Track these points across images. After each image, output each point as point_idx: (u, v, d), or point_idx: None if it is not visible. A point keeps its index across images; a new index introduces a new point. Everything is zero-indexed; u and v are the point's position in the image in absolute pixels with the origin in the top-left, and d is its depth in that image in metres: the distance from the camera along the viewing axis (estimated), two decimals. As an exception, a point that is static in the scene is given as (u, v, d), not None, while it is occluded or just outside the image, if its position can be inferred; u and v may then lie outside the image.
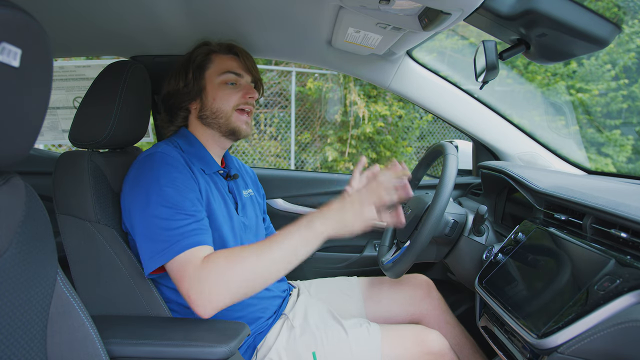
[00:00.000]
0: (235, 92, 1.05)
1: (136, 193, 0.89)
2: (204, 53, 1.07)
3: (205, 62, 1.06)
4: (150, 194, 0.86)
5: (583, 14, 0.84)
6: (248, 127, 1.08)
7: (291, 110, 5.06)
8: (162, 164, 0.90)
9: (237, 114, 1.05)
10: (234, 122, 1.05)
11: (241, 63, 1.07)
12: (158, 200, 0.85)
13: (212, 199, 0.98)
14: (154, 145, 0.99)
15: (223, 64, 1.06)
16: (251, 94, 1.06)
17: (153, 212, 0.84)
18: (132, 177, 0.92)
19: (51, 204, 0.90)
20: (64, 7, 1.00)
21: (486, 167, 1.30)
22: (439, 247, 1.16)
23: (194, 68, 1.06)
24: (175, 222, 0.83)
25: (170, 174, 0.89)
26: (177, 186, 0.88)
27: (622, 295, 0.61)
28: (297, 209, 1.60)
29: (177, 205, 0.85)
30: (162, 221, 0.83)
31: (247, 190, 1.18)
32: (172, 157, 0.93)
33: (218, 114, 1.04)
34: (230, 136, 1.07)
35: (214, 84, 1.05)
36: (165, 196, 0.86)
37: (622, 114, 4.45)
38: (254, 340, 1.02)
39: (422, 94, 1.41)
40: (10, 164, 0.53)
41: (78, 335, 0.64)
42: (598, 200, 0.79)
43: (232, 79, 1.06)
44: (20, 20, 0.47)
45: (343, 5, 0.93)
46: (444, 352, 1.02)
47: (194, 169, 0.97)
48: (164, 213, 0.84)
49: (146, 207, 0.85)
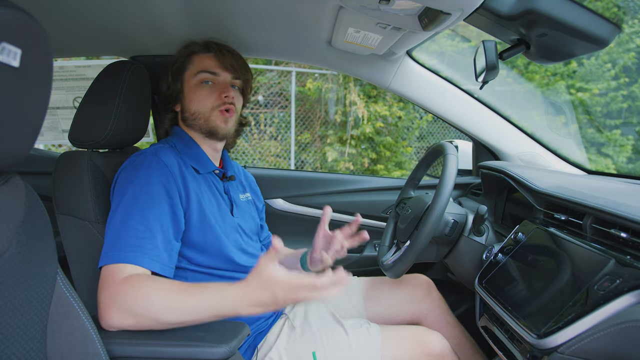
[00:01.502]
0: (212, 92, 1.03)
1: (115, 193, 0.89)
2: (185, 54, 1.07)
3: (185, 63, 1.06)
4: (124, 196, 0.85)
5: (583, 14, 0.84)
6: (226, 125, 1.04)
7: (291, 110, 5.05)
8: (145, 167, 0.89)
9: (217, 114, 1.03)
10: (212, 122, 1.03)
11: (218, 61, 1.05)
12: (127, 205, 0.84)
13: (204, 200, 0.96)
14: (149, 147, 0.99)
15: (199, 64, 1.05)
16: (226, 93, 1.03)
17: (118, 214, 0.83)
18: (116, 177, 0.92)
19: (51, 204, 0.90)
20: (64, 7, 1.00)
21: (486, 167, 1.30)
22: (439, 247, 1.16)
23: (173, 71, 1.06)
24: (128, 231, 0.81)
25: (149, 178, 0.87)
26: (151, 194, 0.86)
27: (622, 295, 0.61)
28: (297, 209, 1.60)
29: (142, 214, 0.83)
30: (121, 226, 0.82)
31: (244, 195, 1.17)
32: (160, 161, 0.91)
33: (196, 116, 1.03)
34: (212, 136, 1.05)
35: (190, 85, 1.04)
36: (135, 202, 0.84)
37: (622, 114, 4.45)
38: (254, 340, 1.02)
39: (422, 94, 1.41)
40: (10, 164, 0.53)
41: (78, 335, 0.64)
42: (598, 200, 0.79)
43: (207, 78, 1.04)
44: (20, 20, 0.47)
45: (343, 5, 0.93)
46: (445, 354, 1.02)
47: (186, 172, 0.96)
48: (126, 218, 0.82)
49: (116, 207, 0.85)
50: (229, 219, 1.02)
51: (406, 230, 1.17)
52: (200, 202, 0.95)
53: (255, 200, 1.23)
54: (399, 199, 1.35)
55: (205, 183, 1.01)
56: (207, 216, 0.95)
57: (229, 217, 1.03)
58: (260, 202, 1.27)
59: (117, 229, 0.82)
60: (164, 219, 0.86)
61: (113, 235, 0.82)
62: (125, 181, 0.88)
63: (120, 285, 0.76)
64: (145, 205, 0.84)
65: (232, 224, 1.03)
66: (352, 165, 5.15)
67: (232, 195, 1.09)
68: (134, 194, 0.85)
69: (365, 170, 5.18)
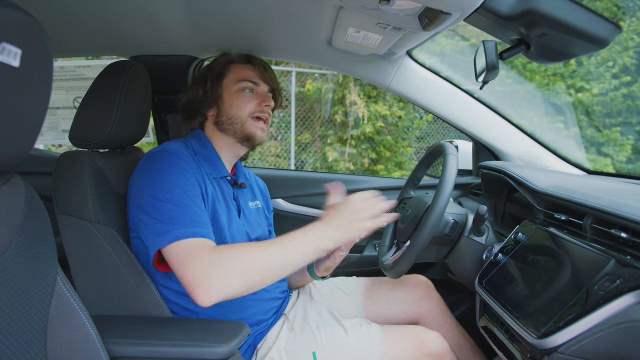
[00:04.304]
0: (252, 99, 1.07)
1: (146, 183, 0.89)
2: (223, 63, 1.10)
3: (223, 71, 1.09)
4: (161, 181, 0.87)
5: (583, 14, 0.83)
6: (263, 134, 1.09)
7: (291, 110, 5.05)
8: (172, 158, 0.92)
9: (252, 121, 1.07)
10: (249, 128, 1.06)
11: (258, 72, 1.10)
12: (169, 186, 0.87)
13: (217, 203, 0.98)
14: (164, 143, 1.02)
15: (241, 73, 1.09)
16: (267, 102, 1.08)
17: (165, 195, 0.85)
18: (141, 171, 0.93)
19: (51, 204, 0.90)
20: (64, 7, 1.00)
21: (486, 167, 1.30)
22: (439, 247, 1.16)
23: (213, 77, 1.09)
24: (188, 207, 0.85)
25: (180, 166, 0.91)
26: (187, 177, 0.90)
27: (622, 296, 0.61)
28: (297, 209, 1.60)
29: (188, 192, 0.87)
30: (174, 204, 0.84)
31: (254, 202, 1.18)
32: (182, 154, 0.94)
33: (234, 120, 1.06)
34: (245, 142, 1.09)
35: (231, 91, 1.08)
36: (177, 182, 0.88)
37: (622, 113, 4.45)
38: (254, 340, 1.02)
39: (422, 94, 1.41)
40: (10, 164, 0.53)
41: (78, 335, 0.64)
42: (598, 200, 0.79)
43: (249, 87, 1.08)
44: (21, 20, 0.47)
45: (343, 5, 0.93)
46: (444, 354, 1.02)
47: (202, 171, 0.98)
48: (177, 196, 0.85)
49: (157, 192, 0.86)
50: (235, 224, 1.03)
51: (406, 230, 1.17)
52: (213, 201, 0.97)
53: (264, 208, 1.24)
54: (399, 199, 1.35)
55: (217, 186, 1.03)
56: (217, 216, 0.97)
57: (236, 222, 1.04)
58: (270, 209, 1.28)
59: (177, 205, 0.84)
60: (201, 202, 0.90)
61: (175, 210, 0.84)
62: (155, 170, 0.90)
63: (211, 256, 0.79)
64: (186, 187, 0.88)
65: (238, 229, 1.03)
66: (352, 165, 5.15)
67: (241, 203, 1.10)
68: (169, 179, 0.88)
69: (365, 170, 5.18)
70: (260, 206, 1.20)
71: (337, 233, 0.86)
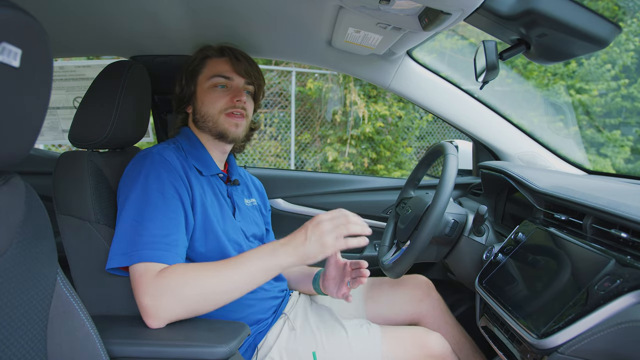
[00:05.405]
0: (223, 96, 1.05)
1: (124, 191, 0.90)
2: (200, 58, 1.08)
3: (199, 66, 1.08)
4: (136, 194, 0.87)
5: (583, 14, 0.83)
6: (237, 129, 1.06)
7: (291, 110, 5.05)
8: (154, 165, 0.91)
9: (225, 117, 1.04)
10: (221, 125, 1.04)
11: (232, 66, 1.06)
12: (141, 203, 0.86)
13: (206, 201, 0.97)
14: (152, 146, 1.00)
15: (214, 68, 1.06)
16: (239, 97, 1.04)
17: (132, 213, 0.85)
18: (124, 175, 0.93)
19: (51, 204, 0.90)
20: (64, 7, 1.00)
21: (486, 167, 1.30)
22: (439, 247, 1.16)
23: (187, 73, 1.08)
24: (149, 229, 0.83)
25: (160, 177, 0.89)
26: (164, 192, 0.88)
27: (622, 296, 0.61)
28: (297, 209, 1.60)
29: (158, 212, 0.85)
30: (137, 224, 0.84)
31: (249, 200, 1.18)
32: (166, 161, 0.93)
33: (206, 118, 1.05)
34: (221, 139, 1.07)
35: (204, 88, 1.06)
36: (149, 200, 0.86)
37: (622, 114, 4.45)
38: (254, 339, 1.02)
39: (422, 94, 1.41)
40: (10, 164, 0.53)
41: (78, 336, 0.64)
42: (598, 201, 0.79)
43: (221, 82, 1.05)
44: (21, 20, 0.47)
45: (343, 5, 0.93)
46: (445, 355, 1.02)
47: (190, 173, 0.97)
48: (142, 217, 0.84)
49: (128, 205, 0.86)
50: (230, 222, 1.02)
51: (406, 230, 1.17)
52: (203, 203, 0.96)
53: (261, 206, 1.23)
54: (399, 199, 1.35)
55: (208, 185, 1.02)
56: (209, 217, 0.96)
57: (231, 220, 1.03)
58: (267, 207, 1.28)
59: (134, 228, 0.83)
60: (179, 216, 0.88)
61: (130, 233, 0.83)
62: (134, 180, 0.89)
63: (160, 278, 0.79)
64: (159, 203, 0.86)
65: (234, 227, 1.03)
66: (352, 165, 5.15)
67: (235, 199, 1.10)
68: (146, 192, 0.87)
69: (365, 170, 5.18)
70: (256, 204, 1.20)
71: (296, 250, 0.82)
